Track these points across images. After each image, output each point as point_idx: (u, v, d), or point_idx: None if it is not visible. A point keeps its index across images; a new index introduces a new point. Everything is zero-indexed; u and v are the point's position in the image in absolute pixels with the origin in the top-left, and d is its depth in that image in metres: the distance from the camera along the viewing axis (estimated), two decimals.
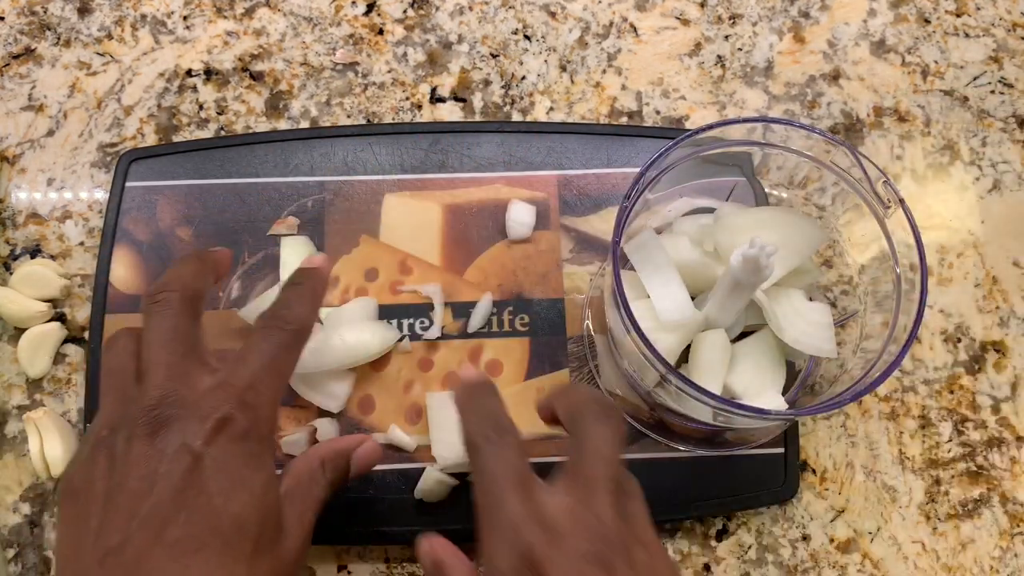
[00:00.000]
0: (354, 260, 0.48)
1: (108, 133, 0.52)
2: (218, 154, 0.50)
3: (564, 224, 0.49)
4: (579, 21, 0.55)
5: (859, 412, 0.48)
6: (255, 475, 0.32)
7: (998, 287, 0.50)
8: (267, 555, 0.33)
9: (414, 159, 0.50)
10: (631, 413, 0.46)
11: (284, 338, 0.35)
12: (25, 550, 0.45)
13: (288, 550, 0.34)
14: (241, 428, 0.32)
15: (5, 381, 0.48)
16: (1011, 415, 0.48)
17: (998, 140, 0.53)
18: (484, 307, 0.47)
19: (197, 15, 0.55)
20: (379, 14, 0.55)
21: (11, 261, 0.49)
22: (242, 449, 0.32)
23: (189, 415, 0.32)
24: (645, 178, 0.37)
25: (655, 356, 0.35)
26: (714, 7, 0.56)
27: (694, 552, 0.46)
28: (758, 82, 0.54)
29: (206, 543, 0.30)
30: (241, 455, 0.32)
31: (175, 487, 0.31)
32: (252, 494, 0.32)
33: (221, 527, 0.31)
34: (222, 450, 0.32)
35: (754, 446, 0.46)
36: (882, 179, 0.37)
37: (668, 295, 0.40)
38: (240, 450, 0.32)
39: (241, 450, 0.32)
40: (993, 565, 0.46)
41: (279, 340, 0.35)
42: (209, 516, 0.31)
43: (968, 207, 0.52)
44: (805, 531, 0.46)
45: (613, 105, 0.53)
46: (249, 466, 0.32)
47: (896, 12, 0.56)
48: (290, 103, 0.53)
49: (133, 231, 0.48)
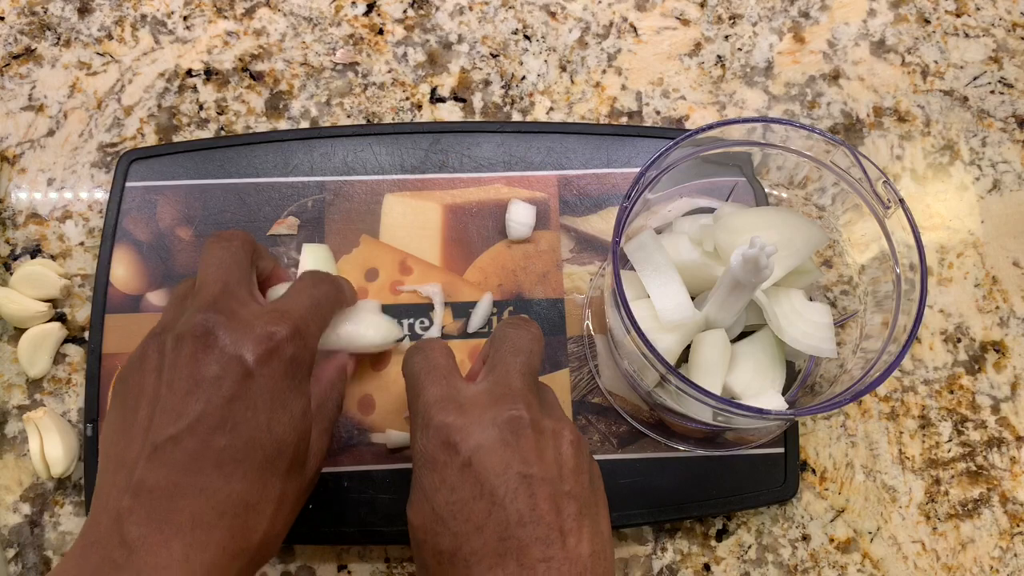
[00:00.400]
0: (354, 260, 0.48)
1: (108, 133, 0.52)
2: (218, 154, 0.50)
3: (564, 224, 0.49)
4: (579, 21, 0.55)
5: (859, 412, 0.48)
6: (297, 400, 0.34)
7: (998, 287, 0.50)
8: (297, 475, 0.35)
9: (414, 159, 0.50)
10: (631, 413, 0.46)
11: (328, 289, 0.39)
12: (25, 550, 0.45)
13: (311, 469, 0.36)
14: (291, 354, 0.34)
15: (5, 381, 0.48)
16: (1011, 415, 0.48)
17: (998, 140, 0.53)
18: (484, 307, 0.47)
19: (197, 15, 0.55)
20: (379, 14, 0.55)
21: (11, 261, 0.49)
22: (288, 373, 0.34)
23: (243, 331, 0.33)
24: (645, 178, 0.37)
25: (655, 356, 0.35)
26: (714, 7, 0.56)
27: (694, 552, 0.46)
28: (758, 82, 0.54)
29: (249, 456, 0.32)
30: (288, 379, 0.34)
31: (225, 396, 0.32)
32: (292, 417, 0.34)
33: (264, 444, 0.33)
34: (272, 371, 0.33)
35: (754, 446, 0.46)
36: (882, 179, 0.37)
37: (668, 295, 0.40)
38: (287, 374, 0.34)
39: (287, 374, 0.34)
40: (993, 565, 0.46)
41: (324, 289, 0.38)
42: (255, 431, 0.32)
43: (968, 207, 0.52)
44: (805, 531, 0.46)
45: (613, 105, 0.53)
46: (293, 391, 0.34)
47: (896, 12, 0.56)
48: (290, 103, 0.53)
49: (133, 231, 0.48)
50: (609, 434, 0.46)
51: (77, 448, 0.46)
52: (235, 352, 0.33)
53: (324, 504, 0.44)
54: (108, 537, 0.30)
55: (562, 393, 0.46)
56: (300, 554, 0.45)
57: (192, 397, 0.32)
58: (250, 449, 0.32)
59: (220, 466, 0.31)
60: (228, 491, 0.31)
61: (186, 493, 0.31)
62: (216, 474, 0.31)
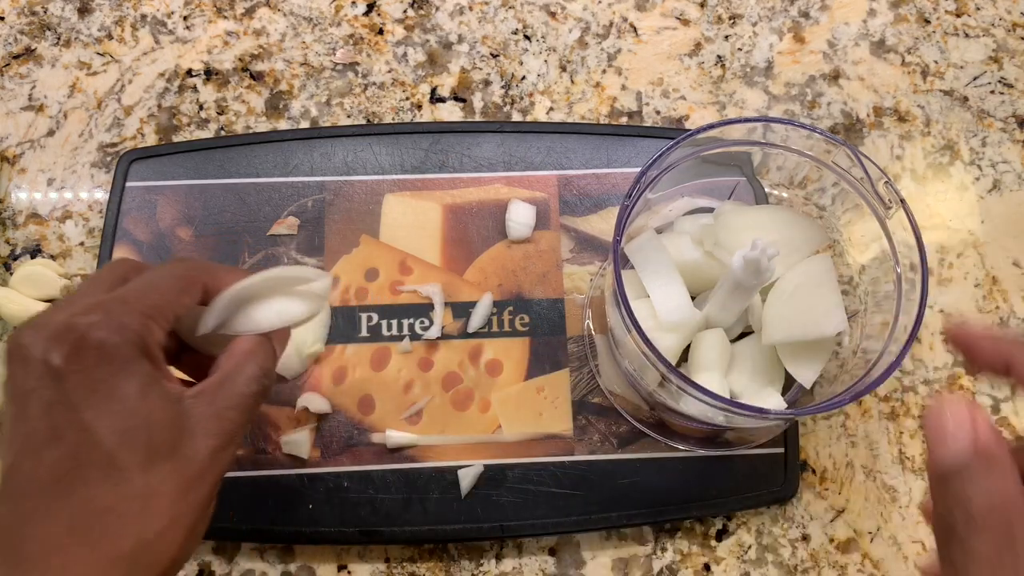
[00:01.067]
0: (354, 260, 0.48)
1: (108, 133, 0.52)
2: (218, 154, 0.50)
3: (564, 224, 0.49)
4: (579, 21, 0.55)
5: (859, 412, 0.48)
6: (126, 383, 0.31)
7: (998, 287, 0.50)
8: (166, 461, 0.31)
9: (414, 159, 0.50)
10: (631, 413, 0.46)
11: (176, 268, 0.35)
12: None
13: (197, 450, 0.32)
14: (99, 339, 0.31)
15: None
16: (1011, 415, 0.48)
17: (998, 140, 0.53)
18: (484, 307, 0.47)
19: (197, 15, 0.55)
20: (379, 14, 0.55)
21: (11, 261, 0.49)
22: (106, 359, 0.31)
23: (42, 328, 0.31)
24: (646, 178, 0.37)
25: (656, 355, 0.35)
26: (714, 7, 0.56)
27: (694, 552, 0.46)
28: (758, 82, 0.54)
29: (85, 459, 0.30)
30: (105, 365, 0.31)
31: (43, 407, 0.30)
32: (125, 402, 0.31)
33: (98, 441, 0.30)
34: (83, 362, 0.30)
35: (754, 446, 0.46)
36: (883, 179, 0.37)
37: (668, 296, 0.40)
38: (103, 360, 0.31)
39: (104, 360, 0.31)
40: None
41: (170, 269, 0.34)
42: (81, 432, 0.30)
43: (968, 207, 0.52)
44: (805, 531, 0.46)
45: (613, 105, 0.53)
46: (117, 375, 0.31)
47: (896, 12, 0.56)
48: (290, 103, 0.53)
49: (133, 231, 0.48)
50: (609, 434, 0.46)
51: None
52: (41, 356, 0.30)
53: (324, 504, 0.44)
54: None
55: (562, 393, 0.46)
56: (300, 554, 0.45)
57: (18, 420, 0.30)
58: (85, 452, 0.30)
59: (58, 481, 0.29)
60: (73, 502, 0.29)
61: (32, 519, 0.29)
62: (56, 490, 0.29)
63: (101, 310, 0.31)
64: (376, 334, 0.47)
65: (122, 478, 0.30)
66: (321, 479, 0.44)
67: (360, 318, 0.47)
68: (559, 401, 0.46)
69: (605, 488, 0.45)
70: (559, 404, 0.46)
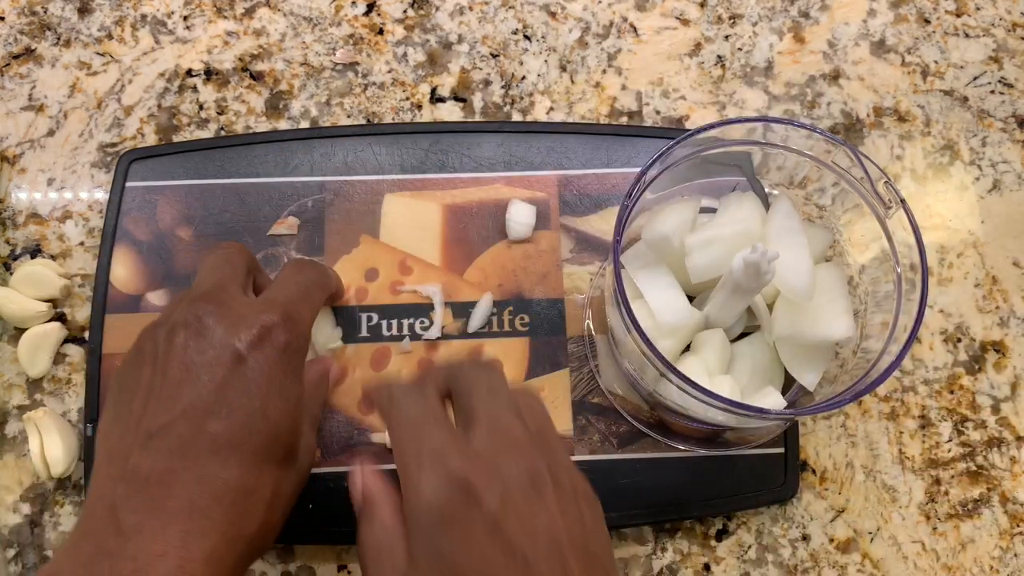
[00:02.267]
0: (354, 260, 0.48)
1: (108, 133, 0.52)
2: (218, 154, 0.50)
3: (564, 224, 0.49)
4: (579, 21, 0.55)
5: (859, 412, 0.48)
6: (291, 387, 0.34)
7: (998, 287, 0.50)
8: (291, 465, 0.34)
9: (414, 159, 0.50)
10: (631, 413, 0.46)
11: (313, 274, 0.39)
12: (25, 550, 0.45)
13: (304, 464, 0.35)
14: (283, 339, 0.34)
15: (5, 381, 0.48)
16: (1011, 415, 0.48)
17: (998, 140, 0.53)
18: (484, 307, 0.47)
19: (197, 15, 0.55)
20: (379, 14, 0.55)
21: (11, 261, 0.49)
22: (282, 359, 0.34)
23: (233, 319, 0.33)
24: (646, 178, 0.37)
25: (656, 355, 0.35)
26: (714, 7, 0.56)
27: (694, 552, 0.46)
28: (758, 82, 0.54)
29: (244, 441, 0.32)
30: (281, 365, 0.34)
31: (218, 382, 0.32)
32: (287, 403, 0.34)
33: (259, 429, 0.32)
34: (265, 356, 0.33)
35: (754, 446, 0.46)
36: (883, 179, 0.37)
37: (665, 299, 0.40)
38: (280, 360, 0.34)
39: (281, 360, 0.34)
40: (993, 565, 0.46)
41: (310, 274, 0.39)
42: (249, 416, 0.32)
43: (968, 207, 0.52)
44: (805, 531, 0.46)
45: (613, 105, 0.53)
46: (287, 377, 0.34)
47: (896, 12, 0.56)
48: (290, 103, 0.53)
49: (133, 231, 0.48)
50: (609, 434, 0.46)
51: (77, 448, 0.46)
52: (226, 339, 0.33)
53: (324, 504, 0.44)
54: (103, 526, 0.30)
55: (562, 393, 0.46)
56: (300, 554, 0.45)
57: (185, 384, 0.32)
58: (245, 434, 0.32)
59: (216, 452, 0.31)
60: (225, 477, 0.31)
61: (181, 479, 0.30)
62: (212, 460, 0.31)
63: (279, 310, 0.35)
64: (376, 334, 0.47)
65: (264, 468, 0.32)
66: (321, 479, 0.44)
67: (360, 318, 0.47)
68: (559, 401, 0.46)
69: (605, 488, 0.44)
70: (559, 404, 0.46)
